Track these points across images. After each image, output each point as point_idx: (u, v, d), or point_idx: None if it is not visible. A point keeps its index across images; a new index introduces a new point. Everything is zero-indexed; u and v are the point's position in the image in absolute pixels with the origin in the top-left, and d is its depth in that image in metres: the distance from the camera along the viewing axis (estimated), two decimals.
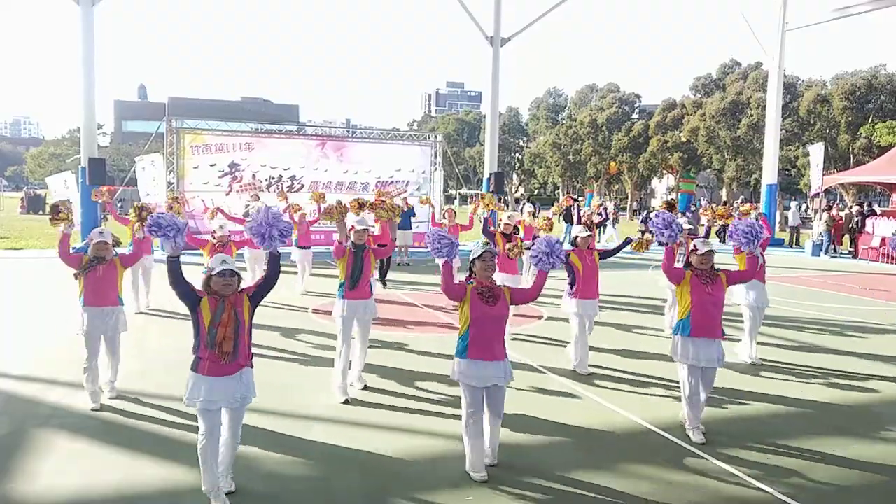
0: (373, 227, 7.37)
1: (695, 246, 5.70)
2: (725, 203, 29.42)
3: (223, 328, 4.20)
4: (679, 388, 5.94)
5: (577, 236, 7.75)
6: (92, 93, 17.99)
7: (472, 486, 4.74)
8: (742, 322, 8.34)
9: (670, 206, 8.73)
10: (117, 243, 6.55)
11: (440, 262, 5.00)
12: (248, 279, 12.26)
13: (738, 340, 8.47)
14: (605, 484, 4.83)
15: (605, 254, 8.01)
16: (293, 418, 5.96)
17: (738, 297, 8.17)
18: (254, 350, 4.54)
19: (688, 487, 4.84)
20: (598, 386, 7.16)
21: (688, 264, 5.76)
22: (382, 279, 13.19)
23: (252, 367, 4.45)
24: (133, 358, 7.22)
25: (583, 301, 7.56)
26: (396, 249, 15.06)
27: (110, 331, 6.18)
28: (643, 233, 7.79)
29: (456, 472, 4.96)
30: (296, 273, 12.46)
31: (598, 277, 7.70)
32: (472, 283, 4.91)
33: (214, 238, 9.61)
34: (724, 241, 17.91)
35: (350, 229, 6.81)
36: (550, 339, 9.04)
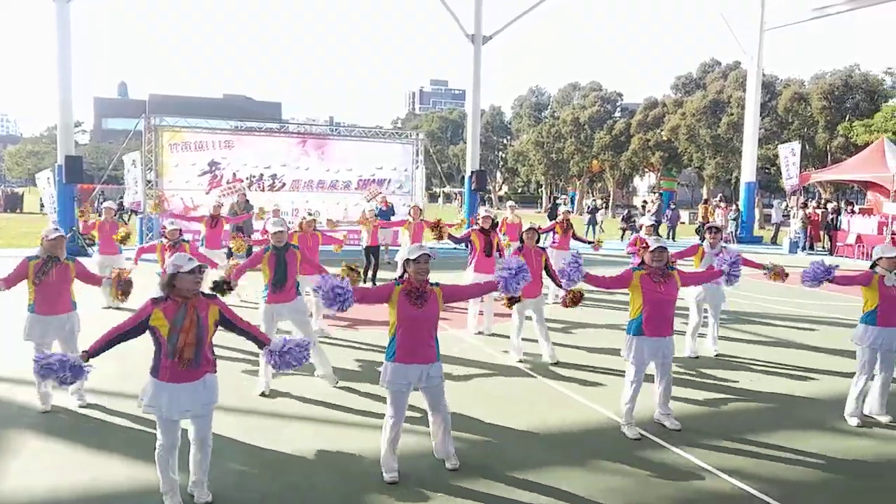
0: (289, 227, 7.34)
1: (647, 243, 5.72)
2: (706, 201, 29.70)
3: (184, 334, 4.01)
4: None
5: (524, 232, 7.82)
6: (69, 90, 17.77)
7: (443, 487, 4.76)
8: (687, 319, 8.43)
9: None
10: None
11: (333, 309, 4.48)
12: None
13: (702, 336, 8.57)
14: (575, 480, 4.87)
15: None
16: (261, 417, 5.96)
17: (689, 294, 8.23)
18: (218, 351, 4.43)
19: (658, 482, 4.91)
20: (569, 382, 7.22)
21: (641, 263, 5.75)
22: (373, 279, 13.19)
23: (215, 371, 4.28)
24: (105, 358, 7.13)
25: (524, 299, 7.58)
26: (382, 248, 15.07)
27: (63, 336, 5.88)
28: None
29: (430, 470, 4.98)
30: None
31: (540, 274, 7.73)
32: (399, 283, 4.69)
33: (165, 235, 8.86)
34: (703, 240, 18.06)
35: (262, 231, 6.71)
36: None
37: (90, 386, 6.29)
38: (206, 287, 4.49)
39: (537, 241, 7.87)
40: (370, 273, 13.13)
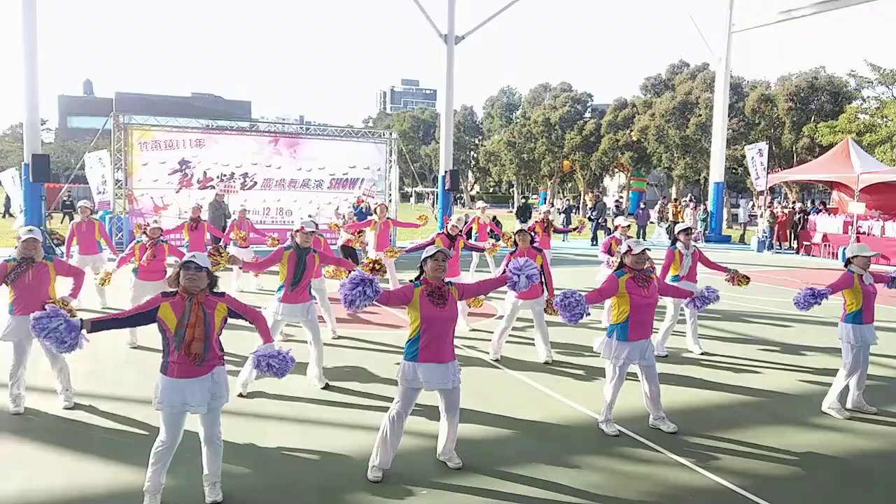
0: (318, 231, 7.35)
1: (629, 246, 5.61)
2: (676, 200, 30.14)
3: (191, 329, 4.06)
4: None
5: (516, 233, 7.86)
6: (35, 88, 17.36)
7: (427, 483, 4.77)
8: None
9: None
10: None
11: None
12: (237, 279, 12.07)
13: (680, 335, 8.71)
14: (557, 477, 4.91)
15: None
16: (246, 418, 5.90)
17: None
18: None
19: (640, 478, 4.97)
20: (552, 380, 7.28)
21: (620, 266, 5.66)
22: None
23: (224, 364, 4.33)
24: (81, 358, 7.00)
25: (521, 300, 7.70)
26: (359, 250, 14.97)
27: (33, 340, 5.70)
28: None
29: (417, 468, 4.98)
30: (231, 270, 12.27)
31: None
32: (419, 284, 4.75)
33: (145, 233, 8.55)
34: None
35: (299, 229, 6.73)
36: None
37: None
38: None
39: (531, 242, 7.88)
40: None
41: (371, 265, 5.93)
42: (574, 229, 14.52)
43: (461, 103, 67.84)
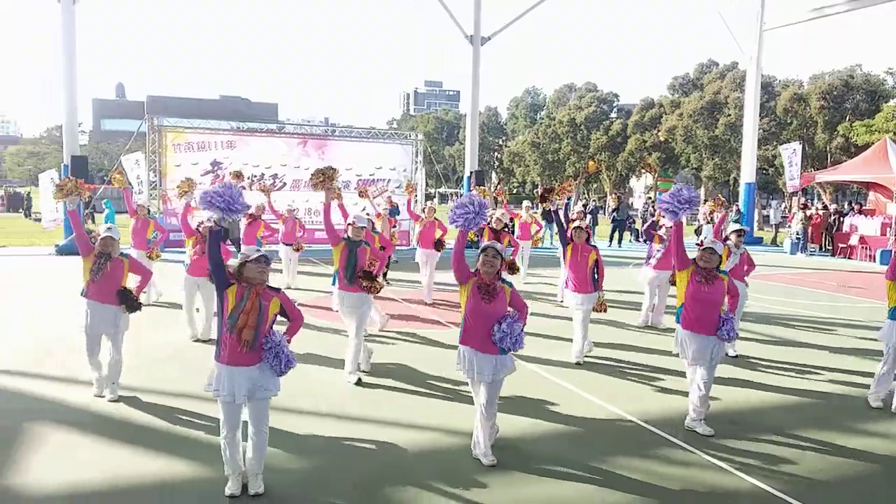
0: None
1: (702, 241, 5.83)
2: (706, 202, 29.76)
3: (245, 315, 4.23)
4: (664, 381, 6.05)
5: (573, 230, 7.93)
6: (74, 91, 17.79)
7: (461, 480, 4.80)
8: None
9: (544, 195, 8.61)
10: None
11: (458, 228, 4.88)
12: (284, 277, 12.29)
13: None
14: (591, 477, 4.91)
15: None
16: (284, 412, 5.99)
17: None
18: None
19: (675, 479, 4.94)
20: (585, 379, 7.27)
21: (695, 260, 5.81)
22: (384, 276, 13.24)
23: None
24: (129, 352, 7.16)
25: (572, 294, 7.79)
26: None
27: (110, 328, 6.11)
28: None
29: (449, 463, 5.03)
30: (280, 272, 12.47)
31: (588, 273, 7.79)
32: (474, 275, 4.92)
33: (198, 229, 8.86)
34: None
35: (349, 225, 6.97)
36: (539, 335, 9.13)
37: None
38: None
39: (587, 240, 7.94)
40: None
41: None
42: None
43: (485, 104, 67.79)
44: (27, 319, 9.66)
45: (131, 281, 6.30)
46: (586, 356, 7.94)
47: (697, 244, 5.93)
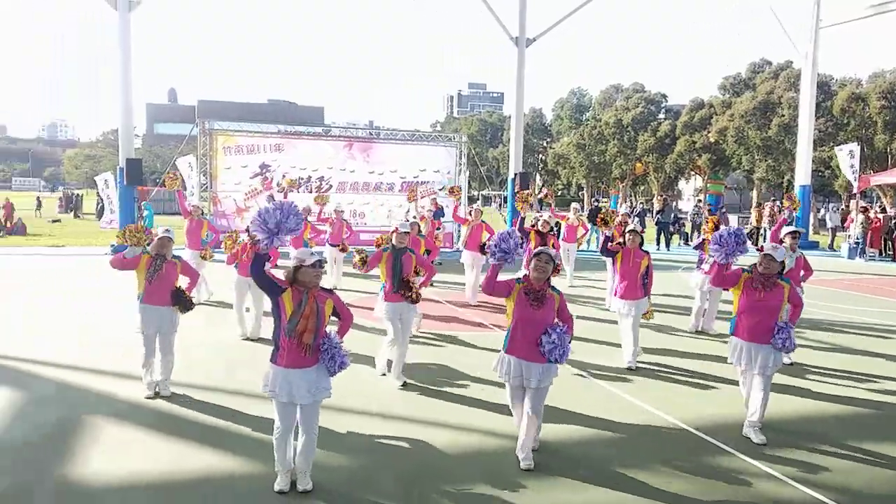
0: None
1: (762, 247, 5.70)
2: (759, 205, 28.98)
3: (305, 320, 4.28)
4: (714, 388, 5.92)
5: (625, 235, 7.82)
6: (130, 96, 18.37)
7: (505, 483, 4.76)
8: None
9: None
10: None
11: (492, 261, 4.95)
12: (330, 278, 12.51)
13: None
14: (638, 483, 4.82)
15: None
16: (331, 412, 6.04)
17: None
18: None
19: (726, 487, 4.82)
20: (633, 385, 7.15)
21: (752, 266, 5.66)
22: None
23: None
24: (180, 350, 7.34)
25: (622, 301, 7.64)
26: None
27: (164, 328, 6.28)
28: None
29: (492, 465, 5.00)
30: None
31: (639, 278, 7.67)
32: (522, 281, 4.87)
33: (247, 230, 9.35)
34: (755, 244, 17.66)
35: (393, 231, 6.93)
36: (586, 339, 9.02)
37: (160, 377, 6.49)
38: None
39: (641, 244, 7.83)
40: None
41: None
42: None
43: (530, 105, 67.45)
44: (85, 317, 9.99)
45: (181, 282, 6.46)
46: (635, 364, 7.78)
47: (758, 249, 5.77)
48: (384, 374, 7.00)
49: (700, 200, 37.47)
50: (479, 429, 5.73)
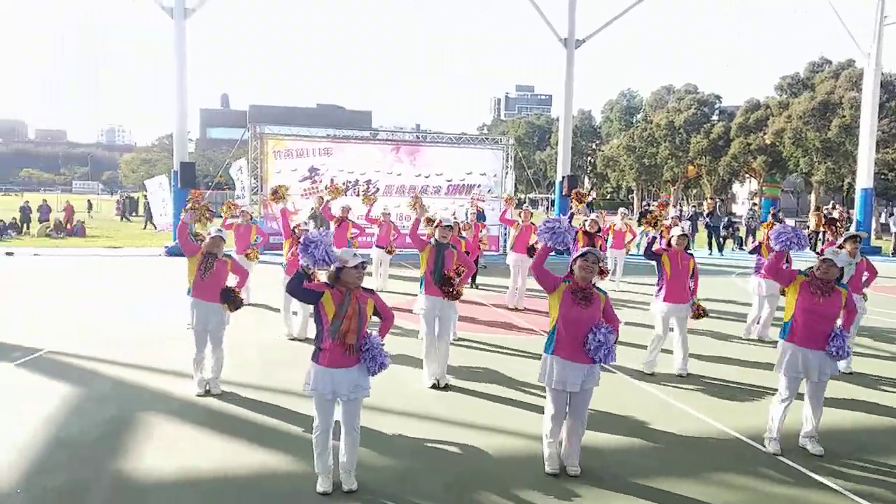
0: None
1: (822, 251, 5.46)
2: (817, 209, 28.03)
3: (348, 321, 4.32)
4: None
5: (673, 236, 7.64)
6: (184, 101, 18.92)
7: (548, 489, 4.70)
8: None
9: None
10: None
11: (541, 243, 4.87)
12: (375, 280, 12.68)
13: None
14: (688, 492, 4.70)
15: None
16: (374, 412, 6.07)
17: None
18: None
19: (779, 498, 4.67)
20: (684, 391, 6.98)
21: (808, 269, 5.45)
22: (473, 282, 13.31)
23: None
24: (228, 349, 7.51)
25: (668, 305, 7.42)
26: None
27: (214, 324, 6.42)
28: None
29: (536, 469, 4.94)
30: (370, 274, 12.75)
31: (688, 281, 7.51)
32: (567, 281, 4.81)
33: (294, 231, 9.22)
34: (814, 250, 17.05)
35: (437, 224, 6.98)
36: (636, 344, 8.84)
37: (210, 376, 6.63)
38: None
39: (686, 248, 7.68)
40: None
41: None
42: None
43: (578, 107, 66.86)
44: (138, 316, 10.30)
45: (230, 280, 6.61)
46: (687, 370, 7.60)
47: (817, 253, 5.54)
48: (434, 386, 6.85)
49: (755, 204, 36.40)
50: (523, 433, 5.66)
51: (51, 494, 4.49)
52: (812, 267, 5.42)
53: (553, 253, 4.97)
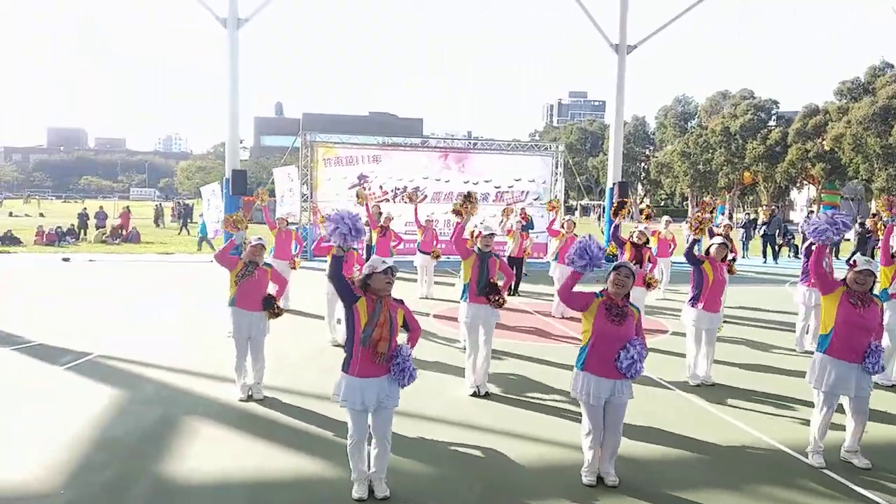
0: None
1: (854, 261, 5.22)
2: (874, 215, 26.91)
3: (379, 328, 4.33)
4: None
5: (712, 245, 7.48)
6: (237, 110, 19.45)
7: (586, 498, 4.64)
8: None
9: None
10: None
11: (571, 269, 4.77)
12: (419, 287, 12.83)
13: None
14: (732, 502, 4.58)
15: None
16: (413, 419, 6.12)
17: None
18: None
19: None
20: (727, 403, 6.81)
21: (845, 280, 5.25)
22: (515, 290, 13.30)
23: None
24: (272, 354, 7.67)
25: (705, 313, 7.27)
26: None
27: (255, 333, 6.52)
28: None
29: (573, 479, 4.90)
30: (415, 280, 12.86)
31: (724, 291, 7.36)
32: (601, 295, 4.75)
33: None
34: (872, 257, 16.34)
35: (477, 235, 7.00)
36: (677, 353, 8.67)
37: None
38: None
39: (724, 258, 7.55)
40: (512, 284, 13.19)
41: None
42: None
43: (632, 113, 65.99)
44: (185, 321, 10.62)
45: (270, 289, 6.71)
46: (711, 379, 7.45)
47: (849, 264, 5.33)
48: (474, 394, 6.88)
49: (812, 211, 35.22)
50: (561, 443, 5.63)
51: (96, 489, 4.68)
52: (846, 278, 5.23)
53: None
